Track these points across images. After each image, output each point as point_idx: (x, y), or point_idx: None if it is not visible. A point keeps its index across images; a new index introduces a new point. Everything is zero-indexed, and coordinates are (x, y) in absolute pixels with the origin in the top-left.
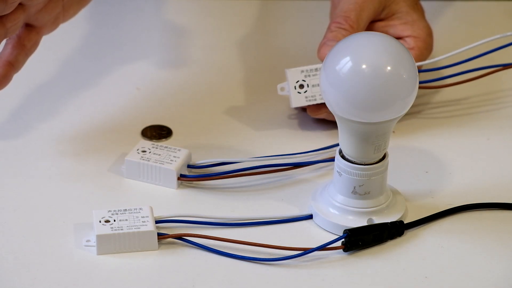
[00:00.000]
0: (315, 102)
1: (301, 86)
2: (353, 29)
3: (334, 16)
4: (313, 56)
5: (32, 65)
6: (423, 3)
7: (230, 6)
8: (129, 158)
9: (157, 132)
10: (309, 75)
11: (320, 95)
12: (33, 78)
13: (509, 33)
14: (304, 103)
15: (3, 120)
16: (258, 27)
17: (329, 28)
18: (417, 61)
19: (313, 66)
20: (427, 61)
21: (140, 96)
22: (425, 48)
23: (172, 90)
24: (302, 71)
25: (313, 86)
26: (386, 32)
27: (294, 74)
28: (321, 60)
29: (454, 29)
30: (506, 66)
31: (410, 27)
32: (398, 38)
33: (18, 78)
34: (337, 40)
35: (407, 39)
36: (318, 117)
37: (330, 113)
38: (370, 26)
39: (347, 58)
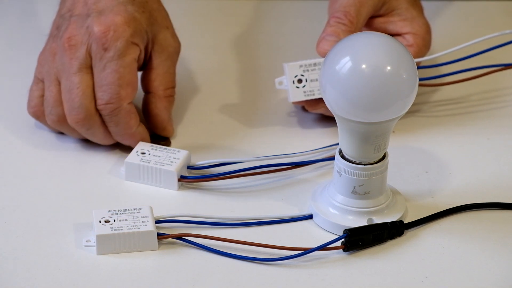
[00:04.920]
0: (313, 97)
1: (300, 81)
2: (353, 25)
3: (333, 11)
4: (311, 54)
5: (33, 65)
6: (423, 3)
7: (228, 6)
8: (129, 160)
9: (156, 142)
10: (307, 70)
11: (318, 90)
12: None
13: (507, 31)
14: (302, 97)
15: (3, 120)
16: (256, 26)
17: (328, 23)
18: (415, 57)
19: (312, 61)
20: (425, 58)
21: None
22: (424, 45)
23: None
24: (301, 66)
25: (311, 81)
26: (385, 28)
27: (292, 69)
28: (320, 55)
29: (454, 29)
30: (507, 66)
31: (409, 23)
32: (397, 34)
33: (18, 78)
34: (336, 35)
35: (406, 36)
36: (316, 112)
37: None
38: (370, 22)
39: (347, 58)
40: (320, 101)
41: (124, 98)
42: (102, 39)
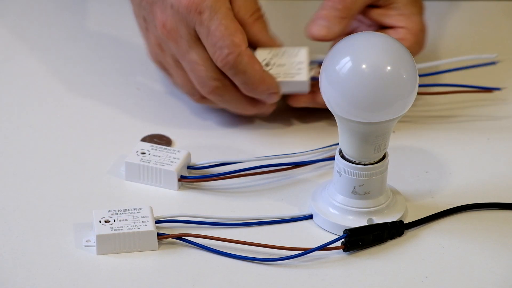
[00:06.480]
0: (278, 79)
1: (267, 64)
2: (346, 11)
3: None
4: (313, 53)
5: (32, 65)
6: (425, 2)
7: None
8: (129, 160)
9: (157, 142)
10: (276, 55)
11: (284, 74)
12: (33, 78)
13: (483, 55)
14: None
15: (3, 120)
16: None
17: (322, 6)
18: None
19: (282, 50)
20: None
21: (140, 96)
22: (415, 42)
23: (171, 91)
24: (270, 52)
25: (278, 65)
26: (380, 20)
27: (261, 53)
28: (309, 37)
29: (454, 29)
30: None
31: (405, 19)
32: (391, 27)
33: (18, 78)
34: (328, 19)
35: (398, 29)
36: (299, 106)
37: (311, 100)
38: (366, 11)
39: (347, 58)
40: (299, 96)
41: (239, 43)
42: (192, 6)
